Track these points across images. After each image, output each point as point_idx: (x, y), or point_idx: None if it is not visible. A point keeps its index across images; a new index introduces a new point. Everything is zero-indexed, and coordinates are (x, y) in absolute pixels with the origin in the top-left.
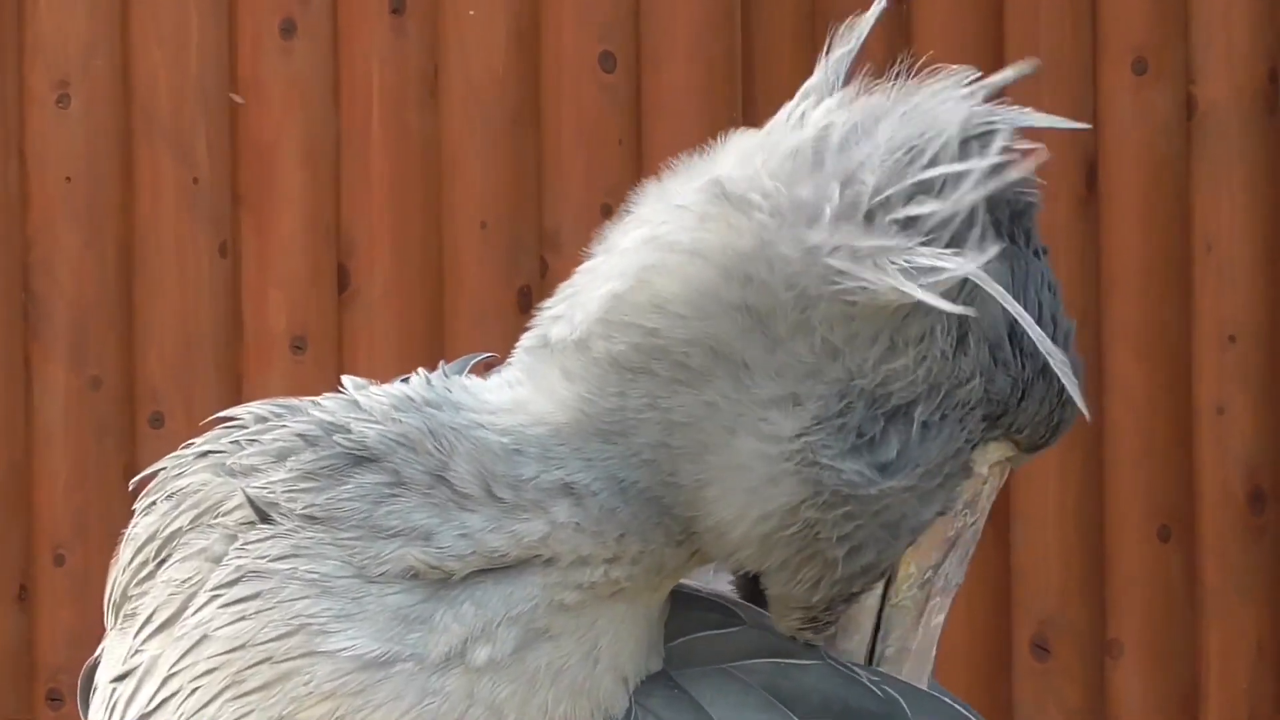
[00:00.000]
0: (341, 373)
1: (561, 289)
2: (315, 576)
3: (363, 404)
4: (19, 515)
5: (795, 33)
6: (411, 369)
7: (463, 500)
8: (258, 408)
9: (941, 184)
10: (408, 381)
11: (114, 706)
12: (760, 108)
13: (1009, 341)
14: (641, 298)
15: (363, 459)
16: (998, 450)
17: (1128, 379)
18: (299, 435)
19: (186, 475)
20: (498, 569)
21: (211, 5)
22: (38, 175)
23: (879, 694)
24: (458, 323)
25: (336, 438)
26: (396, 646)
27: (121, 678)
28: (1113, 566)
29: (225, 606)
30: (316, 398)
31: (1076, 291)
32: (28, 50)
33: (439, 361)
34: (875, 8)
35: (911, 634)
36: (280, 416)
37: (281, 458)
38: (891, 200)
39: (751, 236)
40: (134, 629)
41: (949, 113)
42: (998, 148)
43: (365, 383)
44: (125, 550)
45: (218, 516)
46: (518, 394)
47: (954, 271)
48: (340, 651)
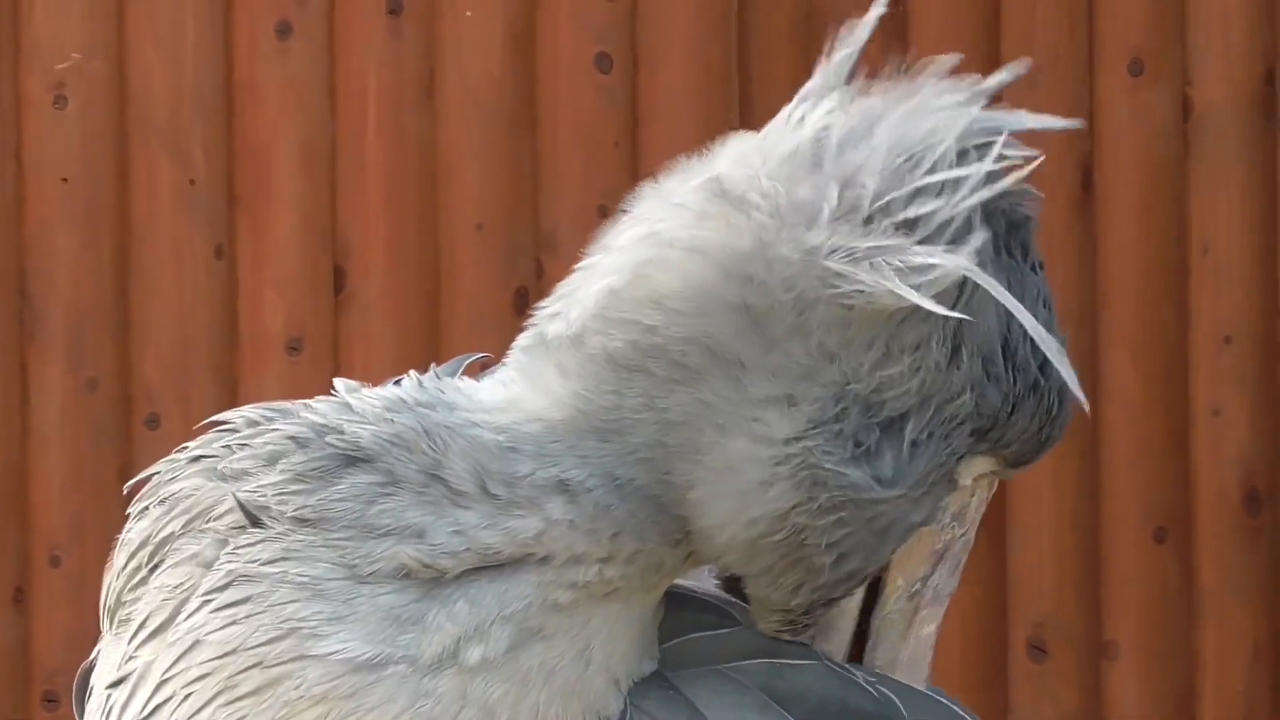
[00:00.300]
0: (338, 374)
1: (558, 288)
2: (306, 579)
3: (355, 406)
4: (15, 517)
5: (791, 34)
6: (407, 370)
7: (457, 497)
8: (249, 411)
9: (940, 189)
10: (399, 384)
11: (109, 712)
12: (757, 109)
13: (1002, 355)
14: (639, 293)
15: (355, 459)
16: (983, 464)
17: (1124, 380)
18: (290, 438)
19: (179, 480)
20: (491, 567)
21: (207, 7)
22: (34, 177)
23: (875, 694)
24: (454, 324)
25: (329, 439)
26: (388, 648)
27: (116, 684)
28: (1108, 568)
29: (216, 611)
30: (309, 401)
31: (1073, 293)
32: (24, 52)
33: (432, 364)
34: (874, 10)
35: (901, 645)
36: (271, 420)
37: (273, 461)
38: (890, 204)
39: (750, 236)
40: (128, 635)
41: (948, 118)
42: (996, 153)
43: (357, 385)
44: (119, 556)
45: (209, 521)
46: (512, 392)
47: (948, 268)
48: (331, 655)
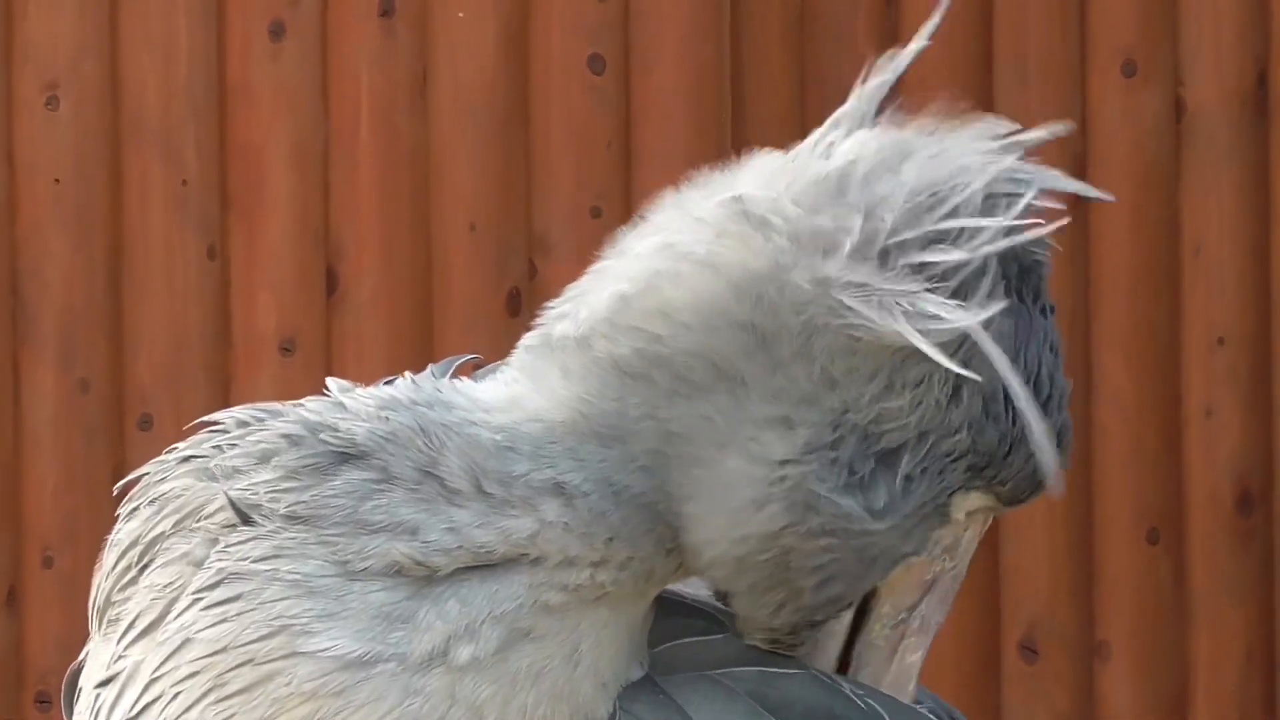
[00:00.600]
0: (330, 375)
1: (569, 289)
2: (297, 577)
3: (349, 405)
4: (7, 518)
5: (784, 36)
6: (400, 371)
7: (451, 495)
8: (240, 412)
9: (958, 234)
10: (391, 384)
11: (98, 712)
12: (749, 111)
13: (1003, 395)
14: (649, 303)
15: (349, 456)
16: (978, 500)
17: (1116, 382)
18: (283, 435)
19: (169, 480)
20: (483, 567)
21: (200, 8)
22: (26, 178)
23: (862, 706)
24: (446, 325)
25: (323, 436)
26: (378, 646)
27: (105, 683)
28: (1101, 569)
29: (207, 609)
30: (300, 401)
31: (1065, 294)
32: (16, 54)
33: (427, 365)
34: (916, 43)
35: (884, 671)
36: (262, 420)
37: (265, 458)
38: (907, 243)
39: (767, 258)
40: (117, 634)
41: (978, 164)
42: (1022, 207)
43: (350, 386)
44: (108, 556)
45: (200, 520)
46: (514, 391)
47: (955, 324)
48: (322, 652)
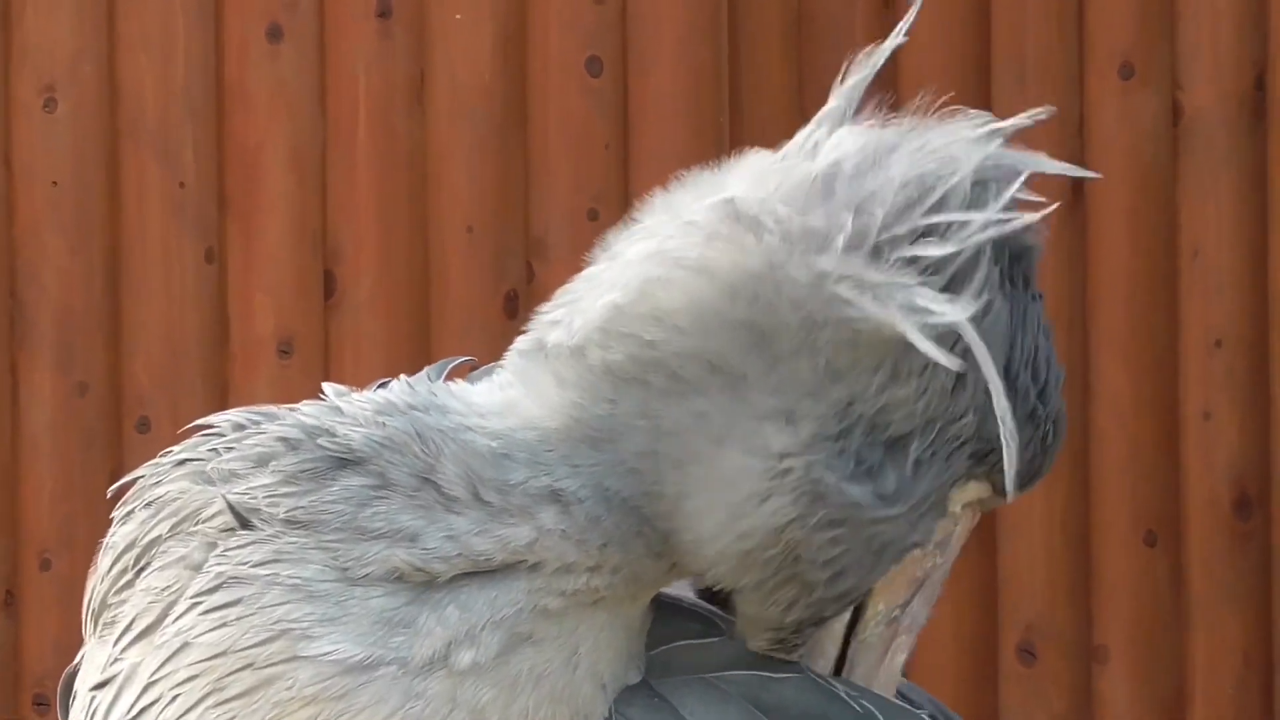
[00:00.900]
0: (328, 378)
1: (560, 293)
2: (297, 581)
3: (345, 409)
4: (5, 521)
5: (782, 37)
6: (398, 374)
7: (449, 503)
8: (235, 415)
9: (948, 225)
10: (387, 387)
11: (94, 714)
12: (746, 112)
13: (1005, 381)
14: (642, 309)
15: (347, 461)
16: (974, 491)
17: (1114, 385)
18: (281, 439)
19: (165, 483)
20: (482, 572)
21: (198, 10)
22: (24, 180)
23: (857, 709)
24: (444, 328)
25: (320, 441)
26: (380, 650)
27: (101, 685)
28: (1099, 572)
29: (206, 613)
30: (296, 405)
31: (1063, 297)
32: (14, 56)
33: (424, 367)
34: (892, 40)
35: (875, 672)
36: (259, 423)
37: (263, 462)
38: (899, 236)
39: (761, 258)
40: (113, 637)
41: (963, 154)
42: (1010, 195)
43: (346, 389)
44: (104, 559)
45: (197, 524)
46: (509, 396)
47: (946, 318)
48: (323, 656)
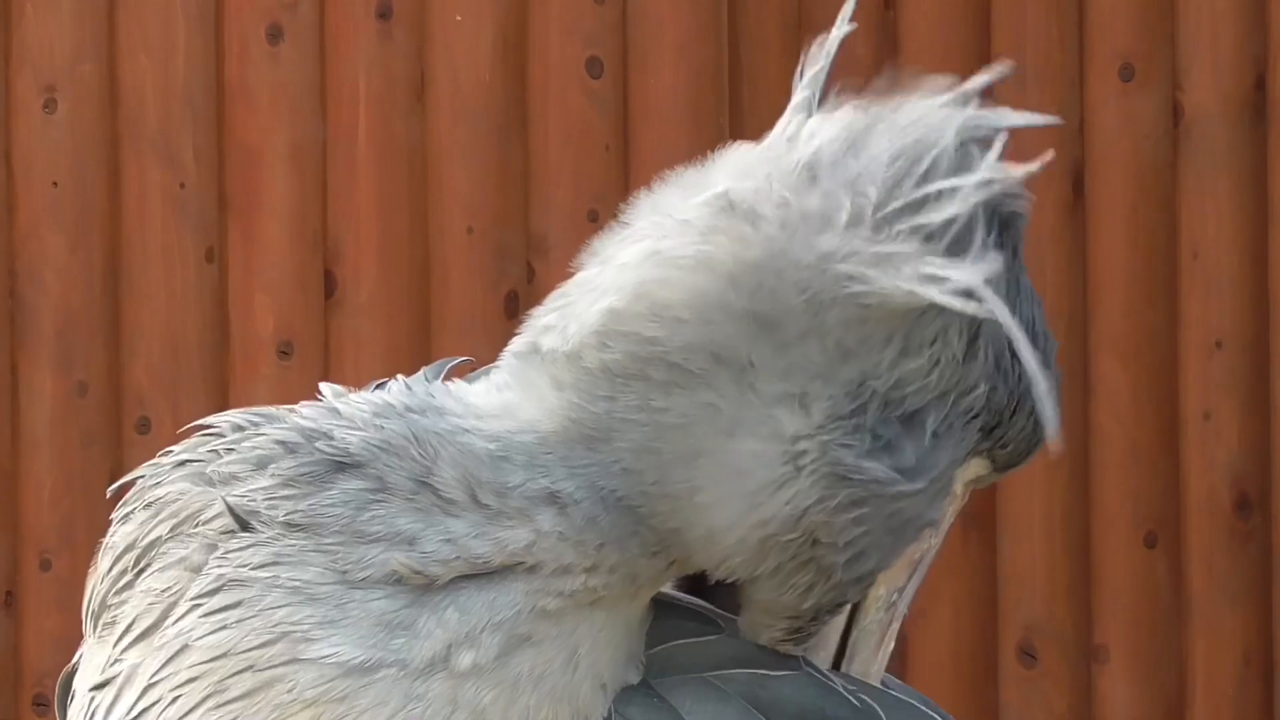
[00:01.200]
0: (328, 378)
1: (553, 297)
2: (297, 584)
3: (343, 411)
4: (5, 521)
5: (782, 39)
6: (398, 374)
7: (447, 506)
8: (235, 416)
9: (940, 192)
10: (385, 388)
11: (93, 715)
12: (747, 113)
13: (1009, 351)
14: (640, 309)
15: (345, 465)
16: (975, 468)
17: (1114, 385)
18: (279, 442)
19: (164, 484)
20: (481, 575)
21: (198, 11)
22: (24, 181)
23: (855, 703)
24: (444, 328)
25: (318, 444)
26: (380, 652)
27: (100, 686)
28: (1099, 573)
29: (206, 616)
30: (295, 406)
31: (1063, 298)
32: (14, 56)
33: (423, 368)
34: (841, 27)
35: (872, 659)
36: (258, 425)
37: (262, 465)
38: (896, 210)
39: (760, 247)
40: (113, 638)
41: (942, 122)
42: (994, 151)
43: (344, 390)
44: (103, 559)
45: (197, 525)
46: (506, 398)
47: (961, 282)
48: (323, 658)
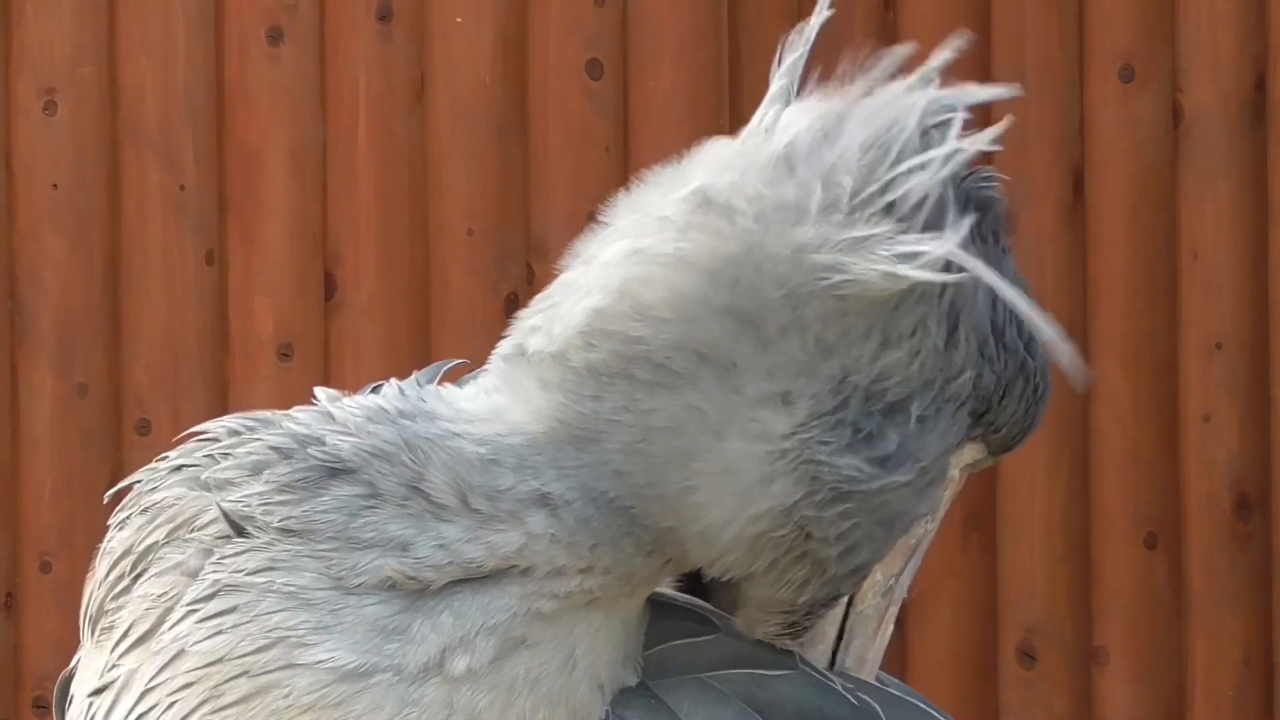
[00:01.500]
0: (328, 380)
1: (538, 300)
2: (292, 589)
3: (336, 416)
4: (5, 523)
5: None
6: (398, 376)
7: (439, 511)
8: (230, 421)
9: (909, 173)
10: (379, 391)
11: (91, 719)
12: (747, 114)
13: (994, 336)
14: (624, 308)
15: (338, 471)
16: (970, 452)
17: (1114, 386)
18: (273, 448)
19: (160, 490)
20: (474, 579)
21: (198, 13)
22: (24, 183)
23: (854, 702)
24: (444, 330)
25: (311, 450)
26: (375, 657)
27: (98, 691)
28: (1099, 574)
29: (202, 621)
30: (289, 410)
31: (1063, 299)
32: (14, 58)
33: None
34: (818, 17)
35: (870, 643)
36: (253, 430)
37: (256, 471)
38: (868, 197)
39: (737, 242)
40: (111, 643)
41: (905, 107)
42: (956, 129)
43: (338, 394)
44: (100, 564)
45: (193, 531)
46: (494, 402)
47: (935, 254)
48: (319, 663)
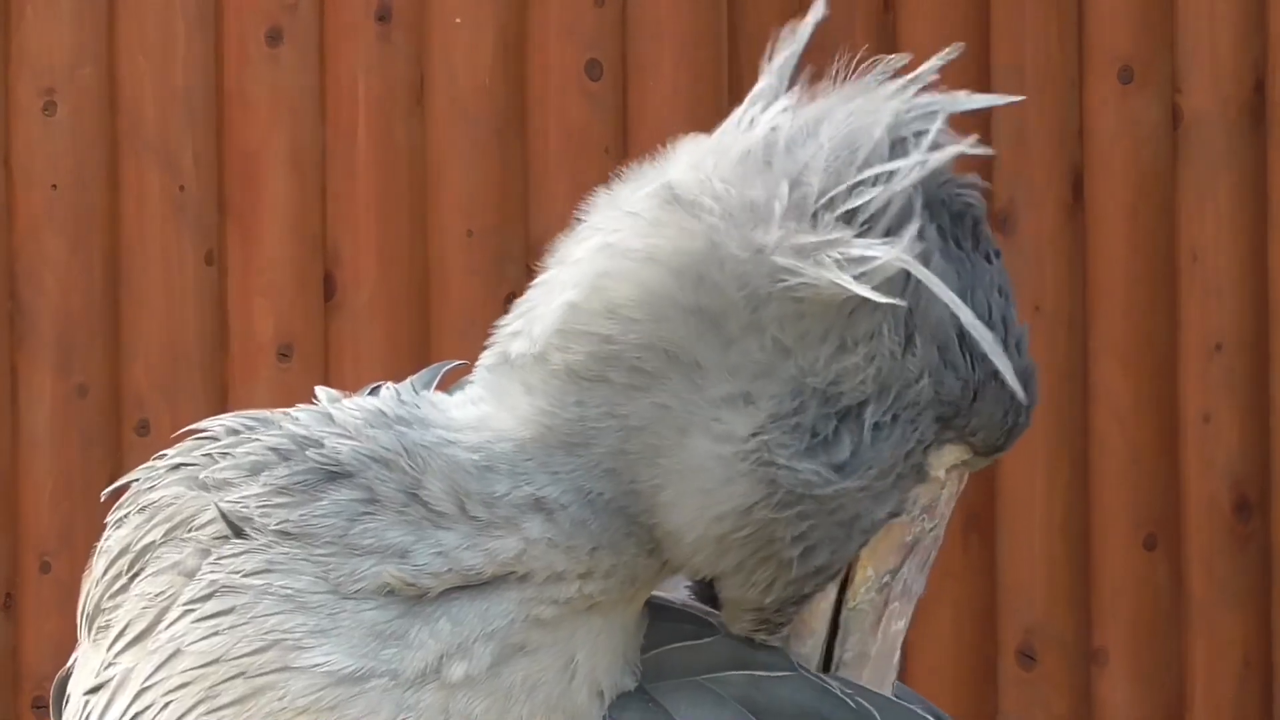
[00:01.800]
0: (328, 382)
1: (517, 305)
2: (290, 592)
3: (335, 417)
4: (5, 523)
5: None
6: (397, 377)
7: (437, 518)
8: (229, 420)
9: (875, 179)
10: (377, 394)
11: (87, 718)
12: None
13: (958, 343)
14: (596, 305)
15: (336, 475)
16: (953, 453)
17: (1114, 387)
18: (272, 449)
19: (158, 489)
20: (473, 585)
21: (198, 14)
22: (23, 184)
23: (852, 705)
24: (444, 331)
25: (310, 453)
26: (372, 662)
27: (95, 690)
28: (1099, 575)
29: (199, 621)
30: (289, 410)
31: (1063, 300)
32: (13, 59)
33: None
34: (813, 14)
35: (870, 639)
36: (252, 429)
37: (255, 472)
38: (833, 200)
39: (702, 239)
40: (107, 642)
41: (880, 110)
42: (931, 138)
43: (338, 395)
44: (98, 563)
45: (191, 530)
46: (482, 411)
47: (885, 259)
48: (315, 667)
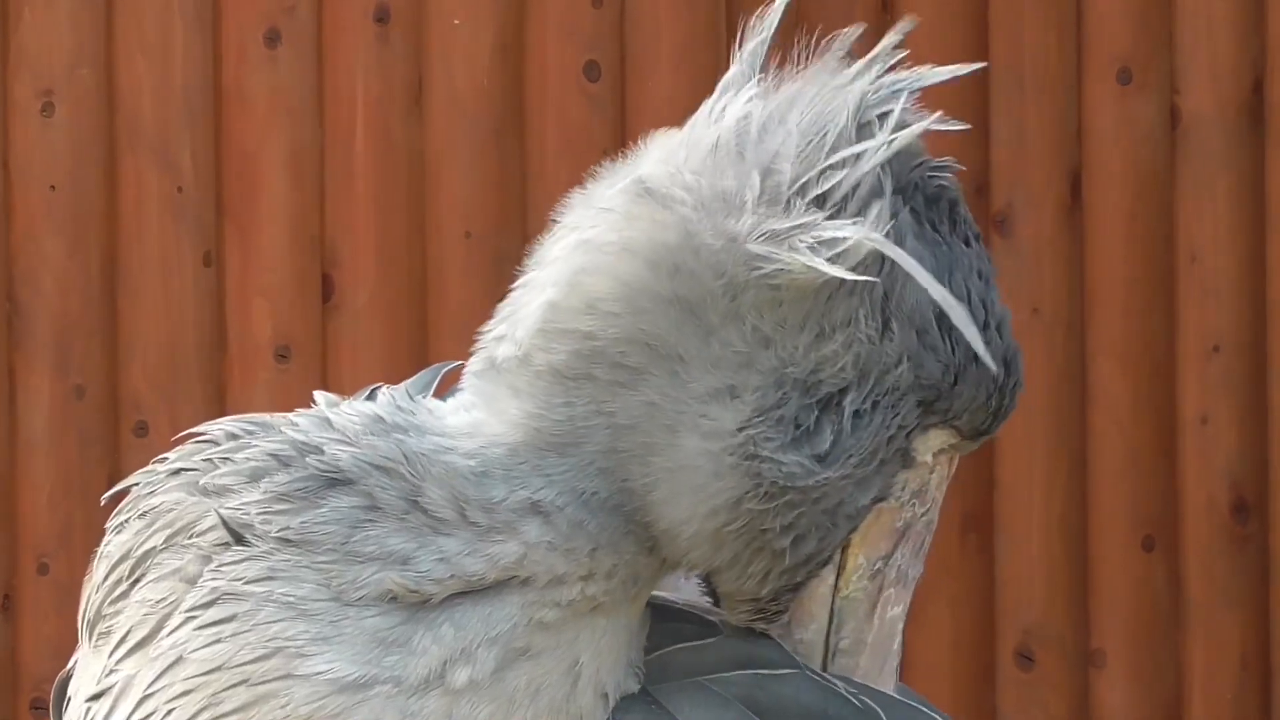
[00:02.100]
0: (326, 383)
1: (500, 309)
2: (292, 599)
3: (335, 423)
4: (3, 524)
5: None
6: (396, 379)
7: (438, 525)
8: (229, 424)
9: (843, 162)
10: (374, 397)
11: None
12: None
13: (937, 326)
14: (575, 302)
15: (336, 482)
16: (939, 438)
17: (1112, 389)
18: (272, 455)
19: (159, 494)
20: (475, 591)
21: (196, 15)
22: (21, 184)
23: (857, 704)
24: (442, 332)
25: (310, 459)
26: (375, 669)
27: (96, 696)
28: (1097, 576)
29: (201, 628)
30: (288, 414)
31: (1061, 301)
32: (12, 60)
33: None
34: (780, 3)
35: (866, 626)
36: (252, 434)
37: (255, 478)
38: (805, 185)
39: (676, 230)
40: (109, 648)
41: (845, 93)
42: (895, 118)
43: (337, 399)
44: (98, 568)
45: (191, 537)
46: (473, 417)
47: (855, 239)
48: (318, 674)
